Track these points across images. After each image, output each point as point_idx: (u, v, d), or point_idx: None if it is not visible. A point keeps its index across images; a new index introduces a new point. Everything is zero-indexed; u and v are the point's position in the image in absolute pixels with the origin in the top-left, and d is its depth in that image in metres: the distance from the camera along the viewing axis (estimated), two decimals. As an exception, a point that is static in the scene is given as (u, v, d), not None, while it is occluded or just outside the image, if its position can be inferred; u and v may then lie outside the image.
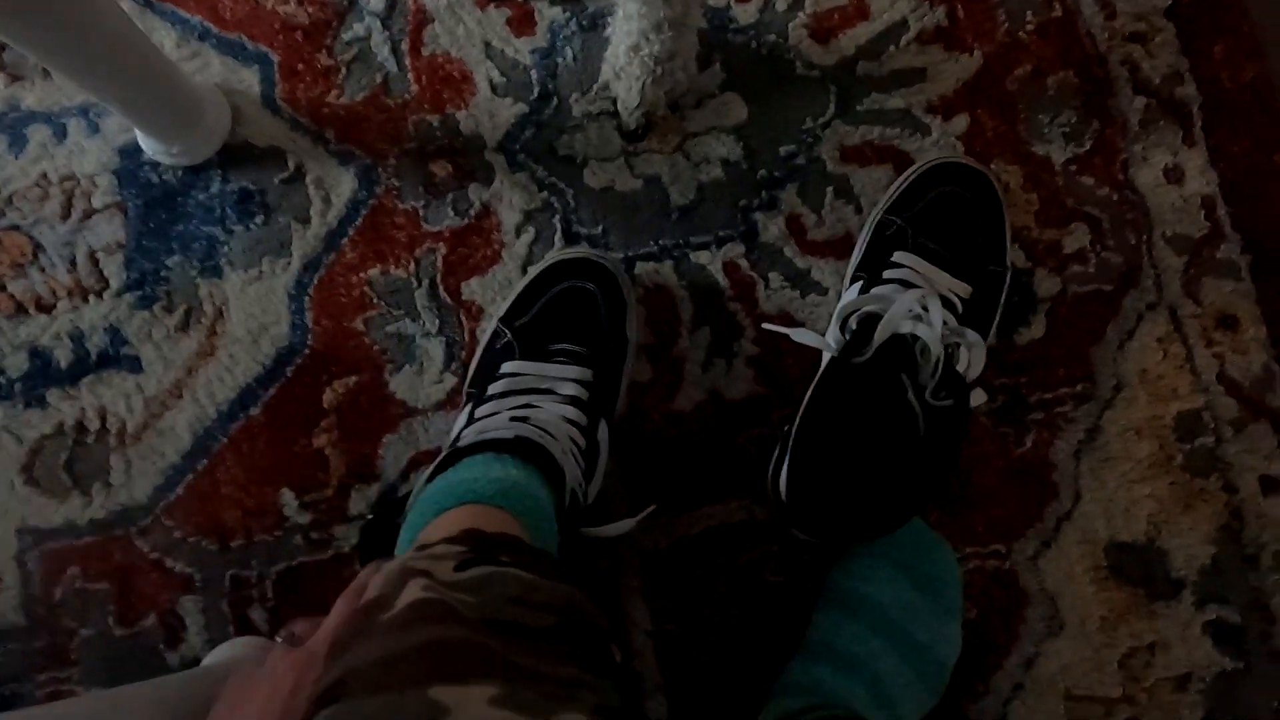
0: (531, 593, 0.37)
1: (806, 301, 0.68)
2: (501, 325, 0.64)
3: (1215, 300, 0.68)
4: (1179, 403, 0.67)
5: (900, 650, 0.58)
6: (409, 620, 0.34)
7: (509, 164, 0.71)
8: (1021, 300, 0.68)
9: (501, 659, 0.32)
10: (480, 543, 0.41)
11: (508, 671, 0.32)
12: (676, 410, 0.67)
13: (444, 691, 0.29)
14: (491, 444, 0.51)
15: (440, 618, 0.34)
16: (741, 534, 0.66)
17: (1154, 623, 0.64)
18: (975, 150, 0.70)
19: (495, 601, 0.36)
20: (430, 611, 0.34)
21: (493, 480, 0.48)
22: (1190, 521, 0.65)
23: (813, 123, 0.71)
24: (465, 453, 0.51)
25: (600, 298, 0.63)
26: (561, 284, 0.63)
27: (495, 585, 0.37)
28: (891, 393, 0.52)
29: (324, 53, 0.73)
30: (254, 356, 0.69)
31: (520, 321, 0.63)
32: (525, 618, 0.36)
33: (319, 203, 0.70)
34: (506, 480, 0.49)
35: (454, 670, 0.31)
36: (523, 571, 0.39)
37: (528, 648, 0.34)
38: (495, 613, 0.35)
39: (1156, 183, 0.70)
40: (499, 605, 0.36)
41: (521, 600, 0.37)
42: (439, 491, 0.48)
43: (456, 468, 0.50)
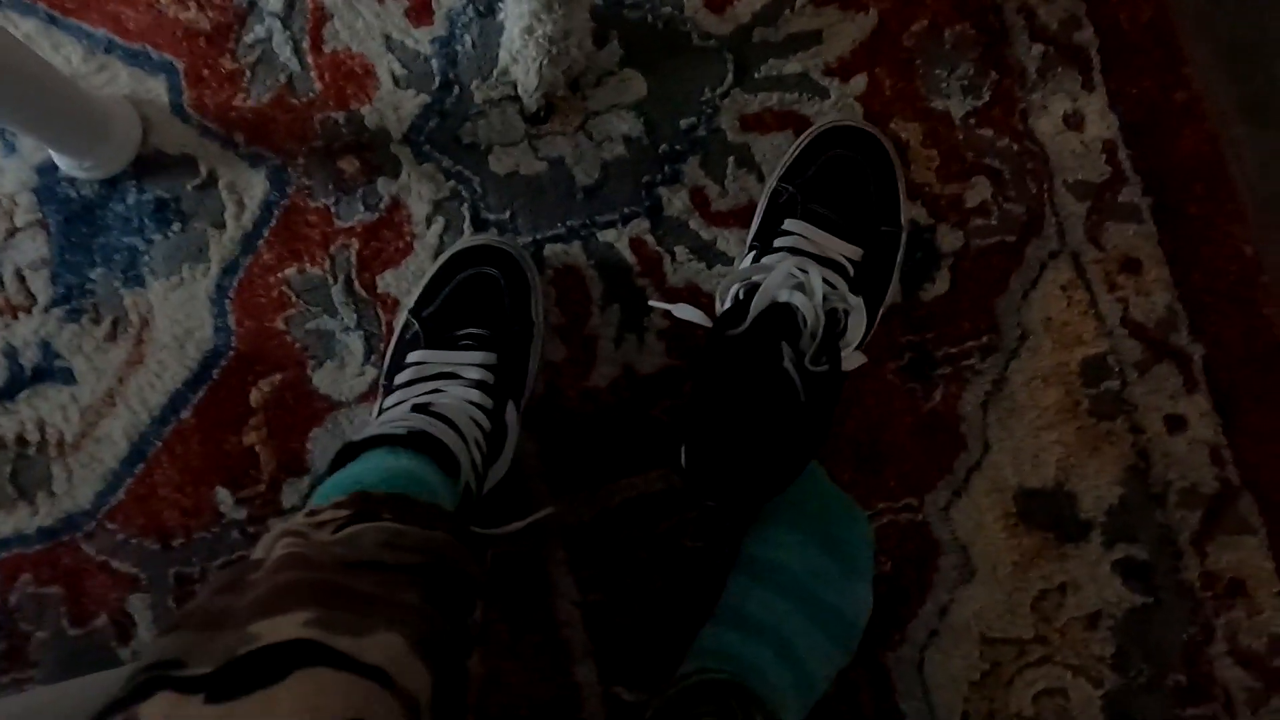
0: (399, 539, 0.40)
1: (713, 273, 0.70)
2: (410, 316, 0.65)
3: (1118, 244, 0.69)
4: (1084, 348, 0.68)
5: (807, 611, 0.60)
6: (266, 574, 0.36)
7: (415, 155, 0.72)
8: (925, 257, 0.69)
9: (329, 587, 0.34)
10: (365, 502, 0.43)
11: (330, 598, 0.34)
12: (592, 387, 0.69)
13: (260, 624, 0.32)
14: (384, 439, 0.53)
15: (288, 566, 0.36)
16: (660, 503, 0.68)
17: (1064, 564, 0.66)
18: (874, 110, 0.70)
19: (363, 547, 0.39)
20: (283, 564, 0.37)
21: (384, 469, 0.50)
22: (1097, 465, 0.67)
23: (711, 93, 0.71)
24: (359, 448, 0.53)
25: (503, 282, 0.65)
26: (465, 271, 0.65)
27: (366, 536, 0.40)
28: (768, 361, 0.53)
29: (228, 57, 0.74)
30: (181, 361, 0.71)
31: (427, 311, 0.65)
32: (388, 557, 0.38)
33: (233, 206, 0.72)
34: (398, 469, 0.50)
35: (276, 605, 0.33)
36: (398, 524, 0.41)
37: (372, 576, 0.36)
38: (357, 556, 0.38)
39: (1056, 130, 0.70)
40: (365, 549, 0.38)
41: (387, 544, 0.39)
42: (332, 485, 0.50)
43: (351, 463, 0.52)
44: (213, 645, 0.32)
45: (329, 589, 0.35)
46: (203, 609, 0.35)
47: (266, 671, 0.31)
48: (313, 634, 0.32)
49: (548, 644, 0.67)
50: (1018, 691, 0.65)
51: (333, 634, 0.32)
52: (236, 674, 0.32)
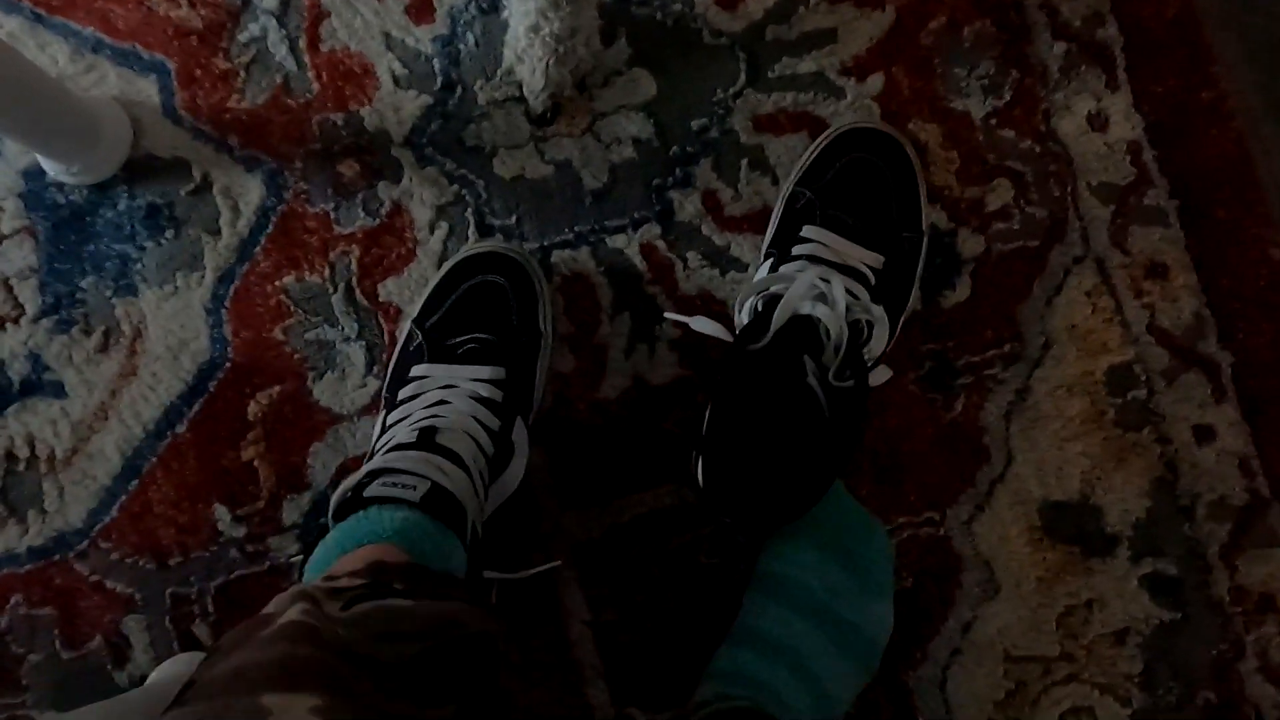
0: (401, 623, 0.40)
1: (727, 280, 0.67)
2: (414, 326, 0.63)
3: (1144, 249, 0.67)
4: (1109, 356, 0.66)
5: (826, 630, 0.58)
6: (275, 638, 0.37)
7: (417, 159, 0.69)
8: (945, 262, 0.67)
9: (335, 677, 0.35)
10: (380, 573, 0.44)
11: (339, 690, 0.34)
12: (601, 399, 0.67)
13: (272, 699, 0.33)
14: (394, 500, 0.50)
15: (302, 637, 0.37)
16: (673, 518, 0.66)
17: (1090, 580, 0.64)
18: (891, 110, 0.68)
19: (363, 639, 0.39)
20: (296, 632, 0.37)
21: (395, 520, 0.49)
22: (1124, 476, 0.65)
23: (724, 93, 0.69)
24: (369, 502, 0.50)
25: (510, 291, 0.62)
26: (471, 280, 0.63)
27: (371, 621, 0.40)
28: (791, 376, 0.51)
29: (221, 56, 0.71)
30: (176, 373, 0.68)
31: (431, 321, 0.62)
32: (386, 653, 0.38)
33: (228, 212, 0.69)
34: (408, 527, 0.49)
35: (290, 682, 0.34)
36: (405, 600, 0.41)
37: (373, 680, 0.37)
38: (360, 648, 0.38)
39: (1080, 131, 0.68)
40: (366, 641, 0.38)
41: (387, 636, 0.39)
42: (334, 541, 0.49)
43: (362, 516, 0.50)
44: (225, 716, 0.32)
45: (336, 679, 0.35)
46: (212, 679, 0.35)
47: None
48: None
49: (559, 665, 0.65)
50: (1044, 710, 0.64)
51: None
52: None
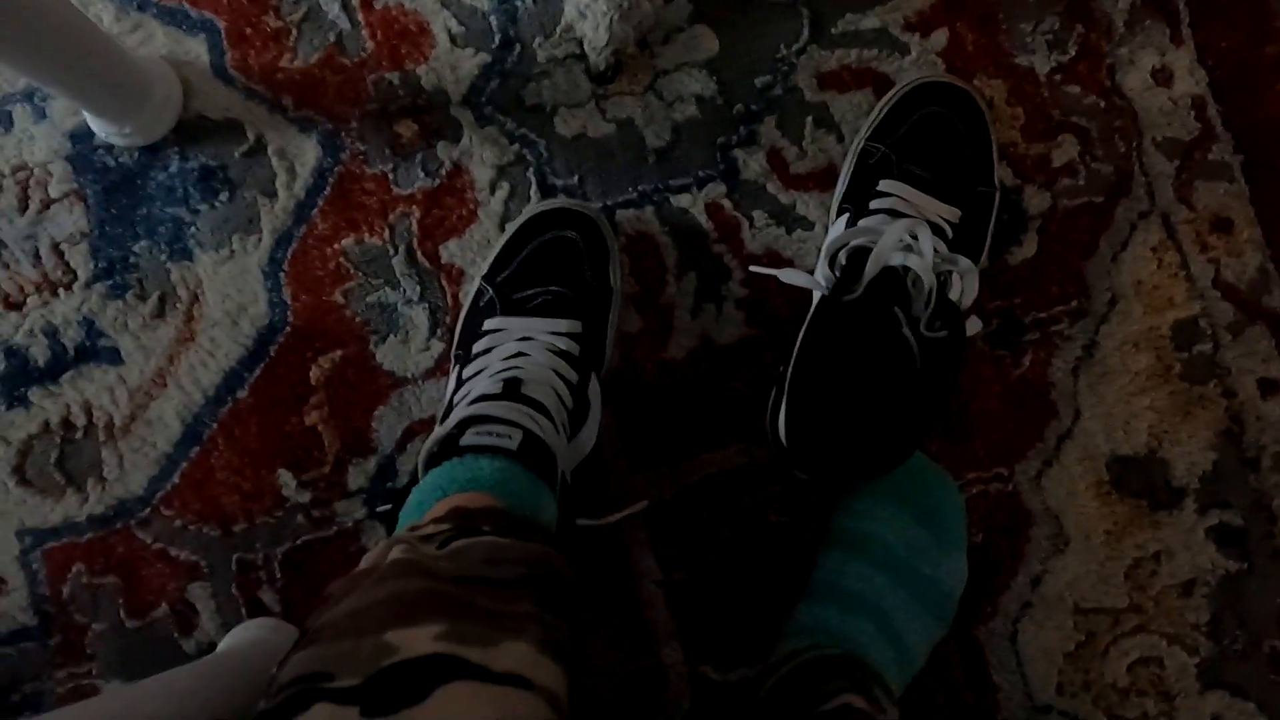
0: (501, 553, 0.41)
1: (793, 238, 0.67)
2: (483, 283, 0.62)
3: (1208, 204, 0.67)
4: (1175, 311, 0.66)
5: (905, 585, 0.58)
6: (383, 577, 0.37)
7: (476, 118, 0.68)
8: (1011, 219, 0.67)
9: (453, 600, 0.36)
10: (464, 518, 0.44)
11: (457, 611, 0.35)
12: (669, 359, 0.66)
13: (396, 634, 0.33)
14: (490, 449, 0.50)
15: (409, 573, 0.37)
16: (743, 477, 0.65)
17: (1158, 532, 0.65)
18: (956, 66, 0.68)
19: (468, 564, 0.40)
20: (401, 569, 0.38)
21: (493, 468, 0.48)
22: (1190, 430, 0.65)
23: (787, 50, 0.68)
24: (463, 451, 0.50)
25: (582, 245, 0.62)
26: (542, 235, 0.62)
27: (469, 552, 0.41)
28: (885, 327, 0.51)
29: (272, 14, 0.69)
30: (235, 338, 0.67)
31: (502, 276, 0.61)
32: (491, 572, 0.39)
33: (284, 174, 0.68)
34: (501, 477, 0.49)
35: (408, 615, 0.34)
36: (498, 537, 0.42)
37: (487, 593, 0.37)
38: (464, 572, 0.39)
39: (1144, 86, 0.68)
40: (470, 566, 0.39)
41: (491, 560, 0.40)
42: (431, 485, 0.48)
43: (456, 463, 0.49)
44: (355, 655, 0.32)
45: (452, 602, 0.36)
46: (331, 622, 0.35)
47: (411, 688, 0.33)
48: (447, 648, 0.33)
49: (631, 626, 0.64)
50: (1112, 661, 0.64)
51: (465, 646, 0.33)
52: (384, 688, 0.33)
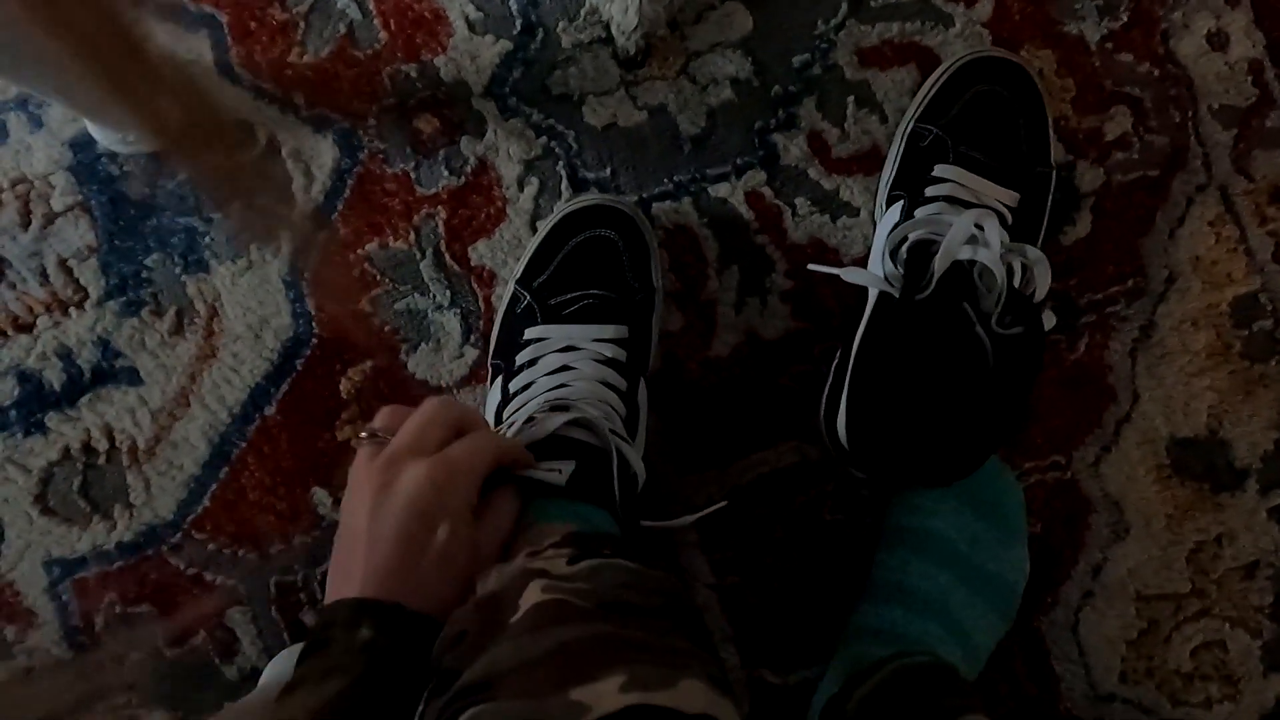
0: (638, 578, 0.40)
1: (838, 226, 0.64)
2: (519, 288, 0.59)
3: (1268, 173, 0.64)
4: (1234, 287, 0.64)
5: (969, 582, 0.57)
6: (537, 624, 0.36)
7: (500, 110, 0.65)
8: (1064, 197, 0.64)
9: (620, 643, 0.35)
10: (583, 542, 0.43)
11: (628, 653, 0.34)
12: (713, 357, 0.64)
13: (581, 692, 0.32)
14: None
15: (564, 617, 0.36)
16: (795, 476, 0.64)
17: (1220, 515, 0.63)
18: (1003, 37, 0.64)
19: (608, 587, 0.38)
20: (554, 613, 0.36)
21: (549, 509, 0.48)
22: (1251, 409, 0.64)
23: (824, 26, 0.65)
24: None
25: (621, 245, 0.59)
26: (579, 235, 0.59)
27: (605, 573, 0.40)
28: (957, 326, 0.48)
29: (277, 5, 0.65)
30: (259, 353, 0.64)
31: (539, 281, 0.59)
32: (636, 599, 0.38)
33: (300, 177, 0.64)
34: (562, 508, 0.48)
35: (586, 669, 0.33)
36: (626, 561, 0.41)
37: (641, 624, 0.36)
38: (610, 596, 0.38)
39: (1200, 52, 0.65)
40: (612, 590, 0.38)
41: (630, 585, 0.39)
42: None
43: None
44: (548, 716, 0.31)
45: (620, 644, 0.34)
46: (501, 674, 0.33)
47: None
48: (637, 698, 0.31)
49: (686, 631, 0.63)
50: (1176, 647, 0.63)
51: (650, 691, 0.31)
52: None
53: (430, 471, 0.42)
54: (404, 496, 0.42)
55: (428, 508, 0.42)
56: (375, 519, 0.42)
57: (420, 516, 0.41)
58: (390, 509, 0.42)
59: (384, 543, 0.41)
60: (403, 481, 0.42)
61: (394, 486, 0.42)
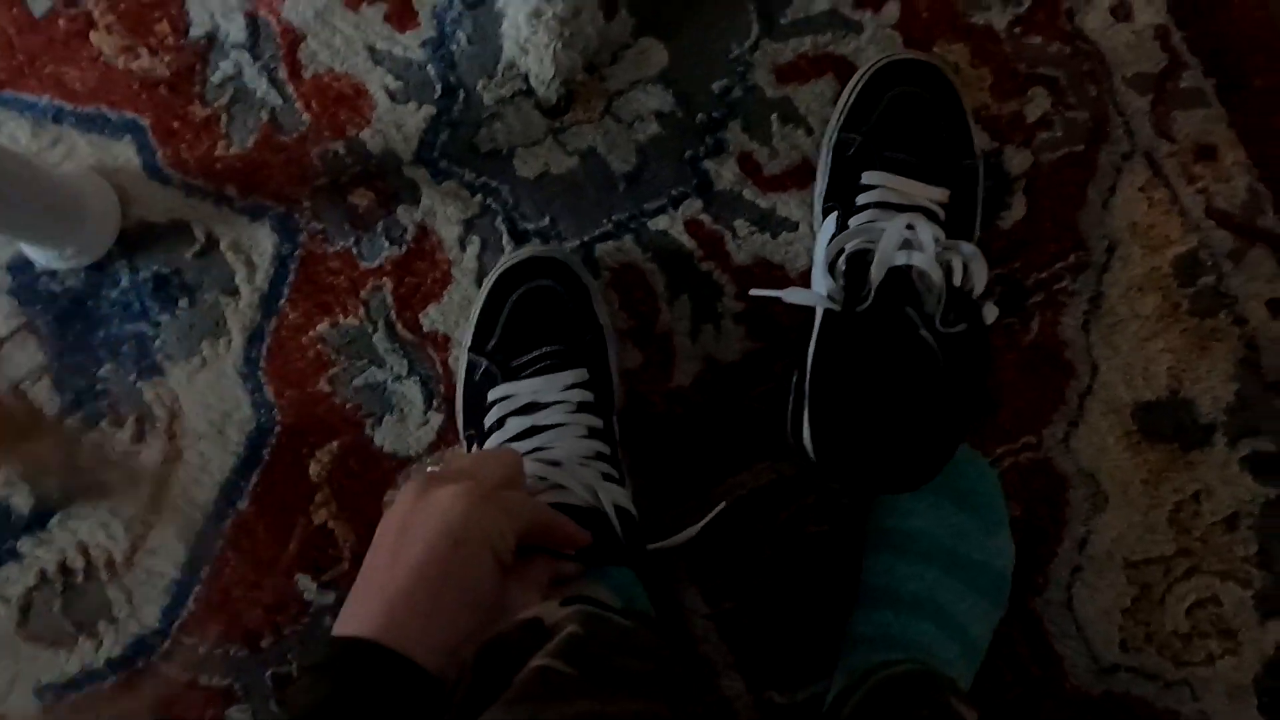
0: (630, 641, 0.40)
1: (780, 242, 0.65)
2: (473, 355, 0.59)
3: (1189, 133, 0.65)
4: (1173, 248, 0.65)
5: (957, 575, 0.57)
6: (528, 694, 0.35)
7: (432, 175, 0.65)
8: (996, 183, 0.65)
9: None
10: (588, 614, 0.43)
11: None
12: (677, 388, 0.64)
13: None
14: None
15: (553, 692, 0.35)
16: (774, 494, 0.64)
17: (1193, 472, 0.64)
18: (914, 37, 0.65)
19: (598, 651, 0.38)
20: (544, 687, 0.36)
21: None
22: (1208, 364, 0.65)
23: (739, 49, 0.66)
24: None
25: (561, 290, 0.59)
26: (517, 291, 0.59)
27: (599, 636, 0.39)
28: (902, 332, 0.49)
29: (197, 102, 0.65)
30: (224, 448, 0.64)
31: (490, 345, 0.59)
32: (631, 664, 0.38)
33: (243, 268, 0.65)
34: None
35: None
36: (624, 620, 0.42)
37: (629, 694, 0.37)
38: (600, 665, 0.37)
39: (1106, 24, 0.66)
40: (603, 656, 0.38)
41: (623, 648, 0.39)
42: None
43: None
44: None
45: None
46: None
47: None
48: None
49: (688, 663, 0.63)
50: (1170, 609, 0.64)
51: None
52: None
53: (469, 494, 0.41)
54: (439, 512, 0.40)
55: (460, 532, 0.40)
56: (404, 533, 0.40)
57: (450, 536, 0.39)
58: (422, 523, 0.40)
59: (407, 561, 0.39)
60: (440, 497, 0.41)
61: (430, 500, 0.41)
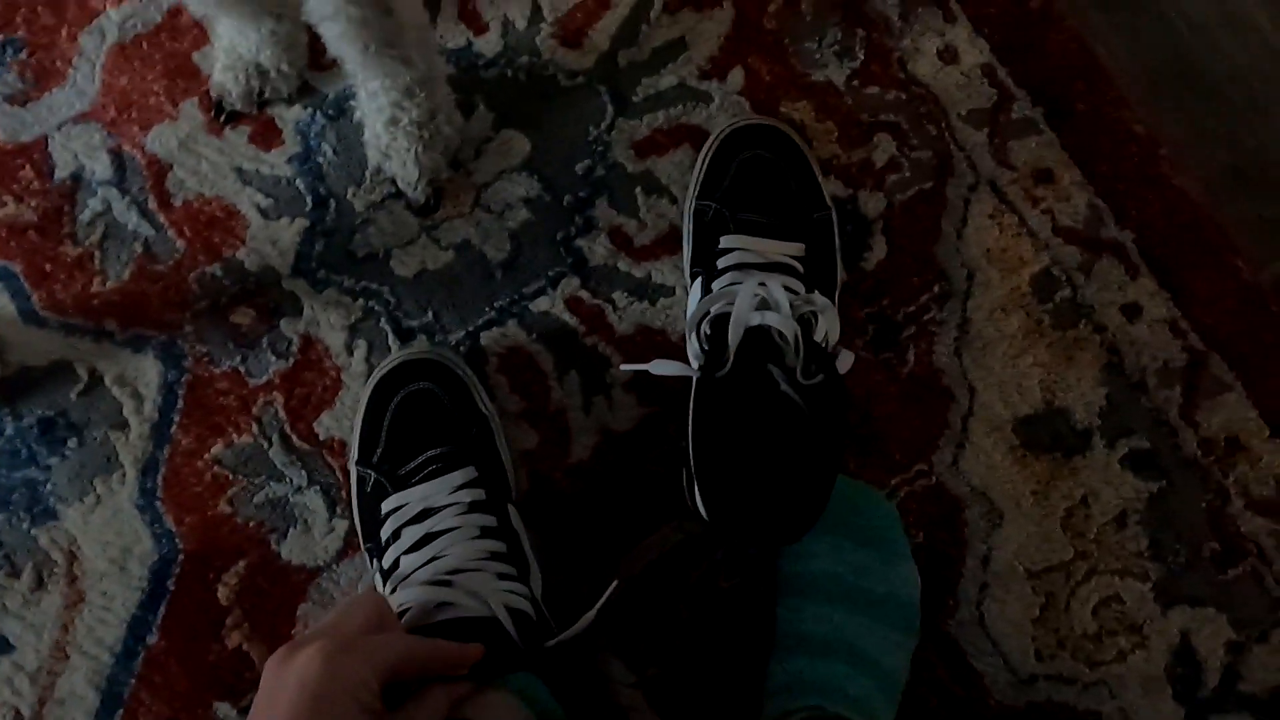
0: None
1: (659, 308, 0.67)
2: (360, 468, 0.60)
3: (1026, 159, 0.70)
4: (1028, 268, 0.69)
5: (865, 611, 0.59)
6: None
7: (312, 285, 0.66)
8: (856, 227, 0.68)
9: None
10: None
11: None
12: (575, 463, 0.65)
13: None
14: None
15: None
16: (683, 554, 0.65)
17: (1078, 477, 0.67)
18: (760, 99, 0.69)
19: None
20: None
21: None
22: (1076, 373, 0.68)
23: (596, 130, 0.68)
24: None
25: (439, 390, 0.60)
26: (395, 398, 0.60)
27: None
28: (764, 390, 0.51)
29: (68, 242, 0.66)
30: (128, 584, 0.63)
31: (377, 454, 0.59)
32: None
33: (129, 401, 0.64)
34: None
35: None
36: None
37: None
38: None
39: (936, 68, 0.70)
40: None
41: None
42: None
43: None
44: None
45: None
46: None
47: None
48: None
49: (620, 737, 0.63)
50: (1077, 613, 0.66)
51: None
52: None
53: (324, 649, 0.41)
54: (297, 675, 0.40)
55: (319, 688, 0.40)
56: (270, 705, 0.40)
57: (310, 696, 0.40)
58: (282, 689, 0.40)
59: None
60: (298, 660, 0.41)
61: (289, 665, 0.41)
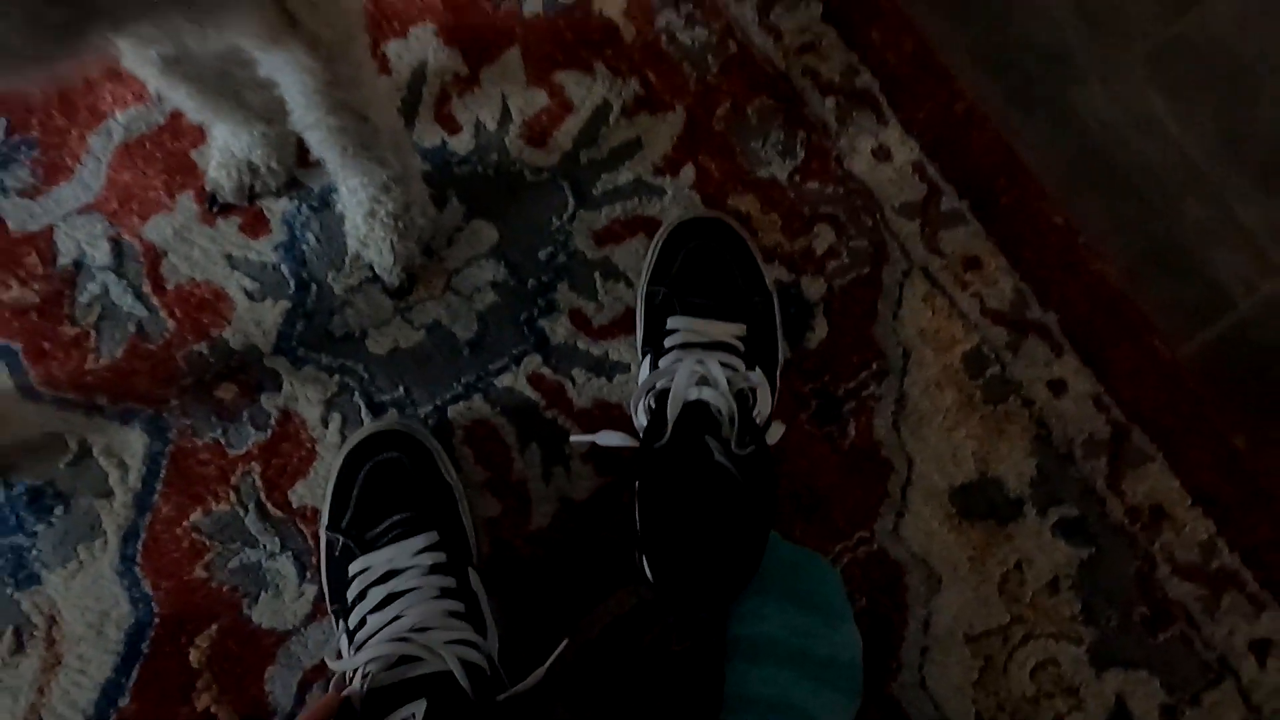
0: None
1: (615, 383, 0.72)
2: (330, 533, 0.64)
3: (955, 248, 0.76)
4: (960, 346, 0.74)
5: (809, 673, 0.62)
6: None
7: (292, 363, 0.71)
8: (799, 310, 0.74)
9: None
10: None
11: None
12: (535, 530, 0.69)
13: None
14: None
15: None
16: (637, 618, 0.68)
17: (1012, 543, 0.71)
18: (710, 194, 0.75)
19: None
20: None
21: None
22: (1007, 444, 0.72)
23: (559, 220, 0.74)
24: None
25: (406, 460, 0.64)
26: (365, 467, 0.64)
27: None
28: (700, 461, 0.55)
29: (66, 323, 0.71)
30: (103, 648, 0.66)
31: (346, 520, 0.63)
32: None
33: (115, 471, 0.68)
34: None
35: None
36: None
37: None
38: None
39: (870, 165, 0.77)
40: None
41: None
42: None
43: None
44: None
45: None
46: None
47: None
48: None
49: (575, 799, 0.65)
50: (1014, 675, 0.69)
51: None
52: None
53: None
54: None
55: None
56: None
57: None
58: None
59: None
60: None
61: None
